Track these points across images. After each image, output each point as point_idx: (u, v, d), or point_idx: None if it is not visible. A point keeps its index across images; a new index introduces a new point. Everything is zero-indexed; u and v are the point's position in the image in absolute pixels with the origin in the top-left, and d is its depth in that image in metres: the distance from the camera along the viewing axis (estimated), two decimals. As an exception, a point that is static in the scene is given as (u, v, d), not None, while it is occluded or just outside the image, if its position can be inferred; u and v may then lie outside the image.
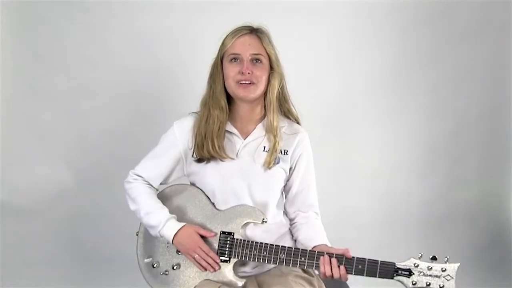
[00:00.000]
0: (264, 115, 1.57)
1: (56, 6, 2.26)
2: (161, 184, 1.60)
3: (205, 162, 1.53)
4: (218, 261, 1.47)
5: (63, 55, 2.31)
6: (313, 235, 1.53)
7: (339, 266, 1.36)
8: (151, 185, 1.58)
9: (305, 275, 1.52)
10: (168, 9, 2.32)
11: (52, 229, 2.39)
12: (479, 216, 2.67)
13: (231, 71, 1.50)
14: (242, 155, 1.54)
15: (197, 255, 1.45)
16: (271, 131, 1.53)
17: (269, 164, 1.51)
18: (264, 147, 1.53)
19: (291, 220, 1.61)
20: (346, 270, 1.36)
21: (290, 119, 1.62)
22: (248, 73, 1.48)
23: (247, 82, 1.49)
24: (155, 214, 1.50)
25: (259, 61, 1.51)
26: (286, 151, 1.55)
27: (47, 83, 2.32)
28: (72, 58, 2.32)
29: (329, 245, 1.49)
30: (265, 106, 1.56)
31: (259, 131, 1.56)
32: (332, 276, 1.36)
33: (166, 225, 1.47)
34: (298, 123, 1.63)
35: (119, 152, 2.37)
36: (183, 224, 1.48)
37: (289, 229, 1.61)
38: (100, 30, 2.31)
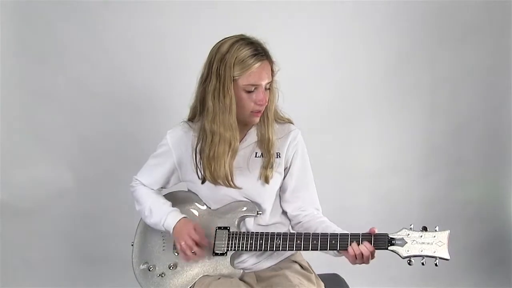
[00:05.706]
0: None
1: (56, 6, 2.26)
2: (162, 188, 1.65)
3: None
4: (207, 244, 1.47)
5: (63, 55, 2.31)
6: (327, 224, 1.52)
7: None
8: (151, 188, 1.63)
9: (304, 271, 1.54)
10: (168, 9, 2.32)
11: (52, 229, 2.39)
12: (479, 216, 2.67)
13: (249, 103, 1.43)
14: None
15: (183, 243, 1.44)
16: (266, 146, 1.50)
17: (267, 178, 1.50)
18: (256, 153, 1.53)
19: (293, 219, 1.59)
20: (343, 247, 1.39)
21: (279, 122, 1.58)
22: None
23: (260, 110, 1.46)
24: (157, 211, 1.53)
25: (268, 87, 1.47)
26: (278, 154, 1.53)
27: (47, 83, 2.32)
28: (72, 58, 2.32)
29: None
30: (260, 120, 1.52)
31: (250, 138, 1.54)
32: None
33: (167, 218, 1.50)
34: (290, 122, 1.60)
35: (119, 152, 2.38)
36: (183, 216, 1.50)
37: (291, 227, 1.61)
38: (99, 30, 2.31)
